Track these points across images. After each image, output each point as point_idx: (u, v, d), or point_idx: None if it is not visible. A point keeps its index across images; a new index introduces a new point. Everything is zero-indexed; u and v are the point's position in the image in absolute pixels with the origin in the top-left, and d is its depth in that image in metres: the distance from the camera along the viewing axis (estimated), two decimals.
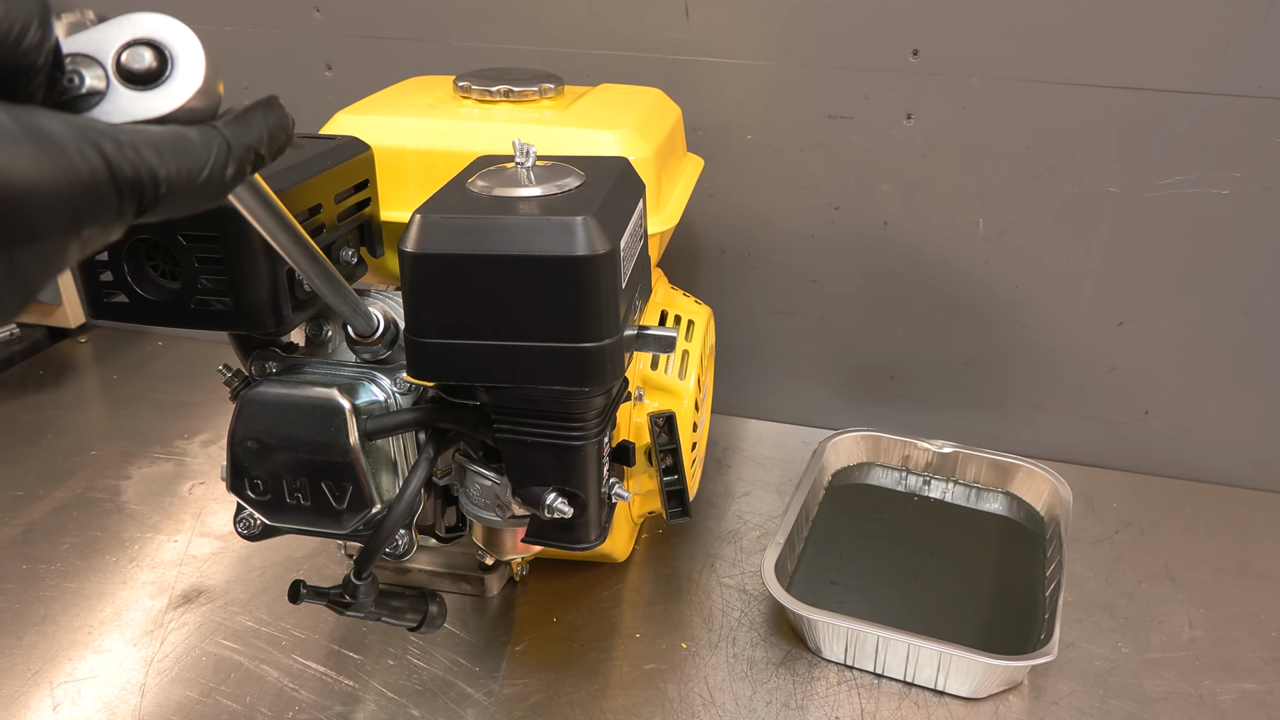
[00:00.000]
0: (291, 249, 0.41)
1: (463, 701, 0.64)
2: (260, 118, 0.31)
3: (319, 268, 0.44)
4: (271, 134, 0.32)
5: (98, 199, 0.25)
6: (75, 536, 0.79)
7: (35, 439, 0.93)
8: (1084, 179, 0.82)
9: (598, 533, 0.54)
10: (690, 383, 0.68)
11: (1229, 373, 0.86)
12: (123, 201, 0.26)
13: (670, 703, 0.64)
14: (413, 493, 0.52)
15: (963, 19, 0.79)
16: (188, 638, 0.69)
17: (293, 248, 0.41)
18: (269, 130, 0.32)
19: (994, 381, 0.92)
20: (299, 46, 0.94)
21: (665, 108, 0.75)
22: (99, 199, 0.25)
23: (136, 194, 0.26)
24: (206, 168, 0.29)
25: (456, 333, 0.45)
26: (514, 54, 0.89)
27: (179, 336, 1.12)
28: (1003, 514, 0.83)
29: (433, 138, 0.64)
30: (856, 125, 0.85)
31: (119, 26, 0.30)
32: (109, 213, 0.26)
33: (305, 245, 0.42)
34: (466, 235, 0.44)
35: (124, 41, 0.29)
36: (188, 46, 0.30)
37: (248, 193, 0.37)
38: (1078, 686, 0.66)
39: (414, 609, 0.60)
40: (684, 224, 0.91)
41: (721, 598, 0.73)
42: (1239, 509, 0.85)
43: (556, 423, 0.50)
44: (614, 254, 0.44)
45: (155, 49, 0.29)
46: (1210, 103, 0.77)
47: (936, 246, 0.88)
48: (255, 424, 0.52)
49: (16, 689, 0.64)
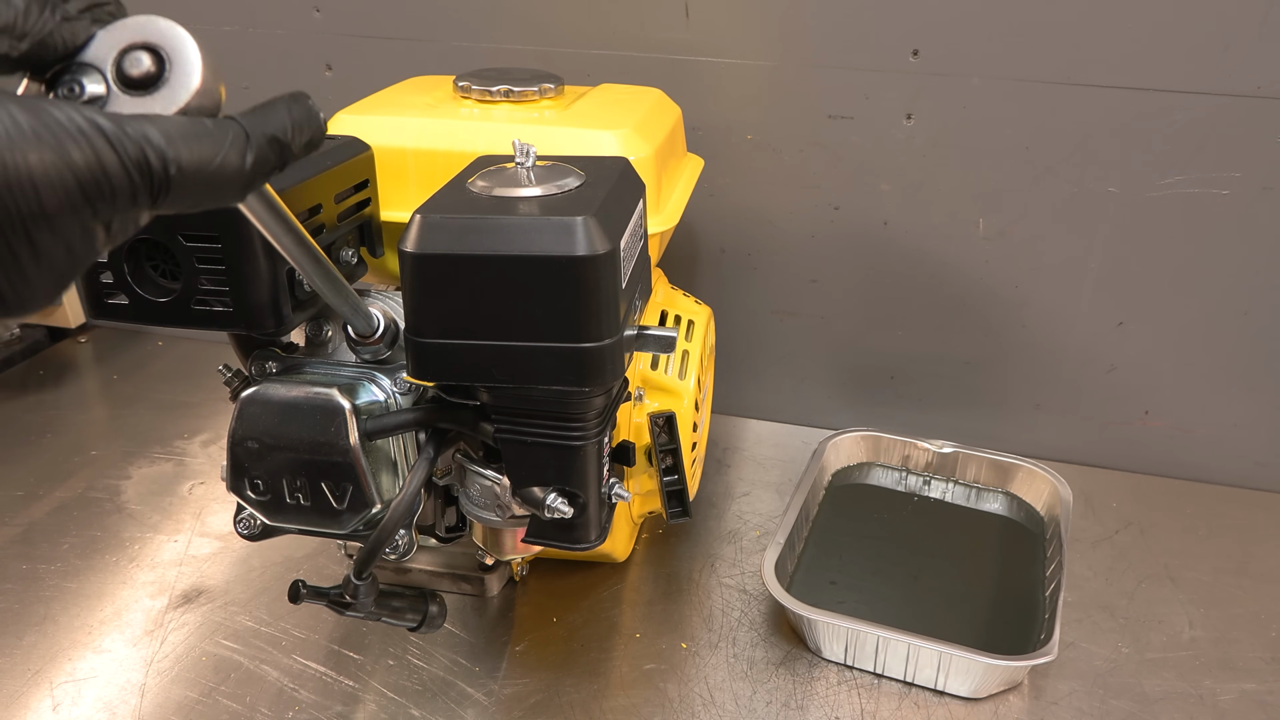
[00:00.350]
0: (294, 250, 0.41)
1: (463, 701, 0.64)
2: (284, 109, 0.31)
3: (321, 269, 0.44)
4: (296, 125, 0.31)
5: (104, 173, 0.25)
6: (75, 536, 0.79)
7: (35, 439, 0.93)
8: (1084, 179, 0.82)
9: (598, 533, 0.54)
10: (690, 383, 0.68)
11: (1229, 373, 0.86)
12: (132, 181, 0.26)
13: (670, 703, 0.64)
14: (413, 493, 0.52)
15: (963, 19, 0.79)
16: (188, 638, 0.69)
17: (295, 249, 0.41)
18: (293, 121, 0.31)
19: (994, 381, 0.92)
20: (299, 46, 0.94)
21: (665, 108, 0.75)
22: (105, 173, 0.25)
23: (145, 173, 0.26)
24: (221, 153, 0.29)
25: (457, 333, 0.45)
26: (514, 54, 0.89)
27: (179, 336, 1.12)
28: (1003, 514, 0.83)
29: (433, 138, 0.64)
30: (856, 125, 0.85)
31: (116, 32, 0.30)
32: (121, 193, 0.26)
33: (308, 246, 0.42)
34: (466, 235, 0.44)
35: (121, 47, 0.30)
36: (185, 48, 0.30)
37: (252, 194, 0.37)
38: (1078, 686, 0.66)
39: (414, 609, 0.60)
40: (684, 224, 0.91)
41: (721, 598, 0.73)
42: (1239, 509, 0.85)
43: (556, 423, 0.50)
44: (614, 254, 0.44)
45: (153, 52, 0.29)
46: (1210, 102, 0.77)
47: (936, 246, 0.88)
48: (255, 424, 0.52)
49: (16, 689, 0.64)
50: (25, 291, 0.26)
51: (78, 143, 0.25)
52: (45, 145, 0.24)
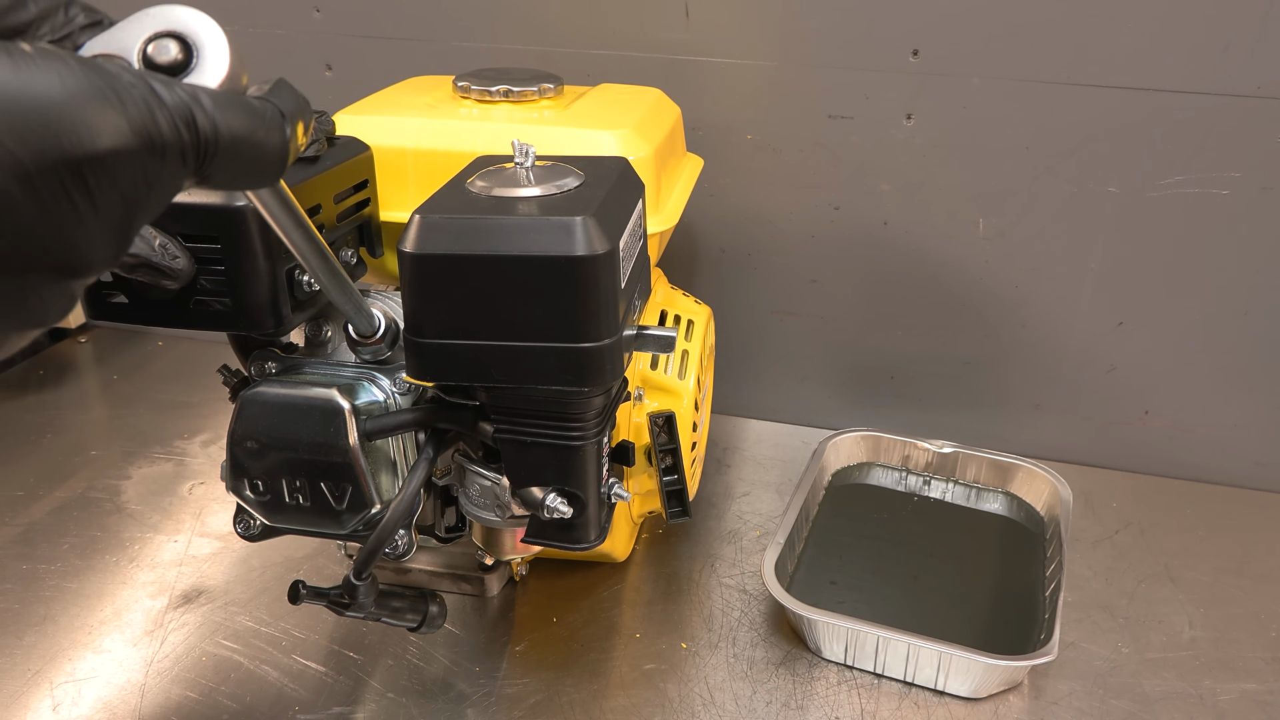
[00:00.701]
0: (304, 248, 0.41)
1: (463, 701, 0.64)
2: (289, 90, 0.32)
3: (329, 267, 0.44)
4: (303, 107, 0.33)
5: (155, 125, 0.26)
6: (75, 536, 0.79)
7: (35, 439, 0.93)
8: (1084, 179, 0.82)
9: (597, 533, 0.54)
10: (690, 382, 0.68)
11: (1229, 373, 0.86)
12: (181, 138, 0.27)
13: (670, 703, 0.64)
14: (412, 493, 0.52)
15: (963, 19, 0.79)
16: (188, 638, 0.69)
17: (305, 246, 0.41)
18: (301, 102, 0.33)
19: (994, 381, 0.92)
20: (299, 46, 0.94)
21: (665, 107, 0.75)
22: (157, 125, 0.26)
23: (192, 131, 0.27)
24: (263, 126, 0.29)
25: (456, 333, 0.45)
26: (514, 54, 0.89)
27: (179, 336, 1.12)
28: (1003, 514, 0.83)
29: (432, 138, 0.64)
30: (856, 125, 0.85)
31: (141, 21, 0.30)
32: (171, 150, 0.27)
33: (318, 245, 0.42)
34: (466, 235, 0.44)
35: (148, 35, 0.30)
36: (212, 36, 0.30)
37: (268, 191, 0.37)
38: (1078, 686, 0.66)
39: (414, 609, 0.60)
40: (684, 224, 0.91)
41: (721, 598, 0.73)
42: (1239, 509, 0.85)
43: (556, 423, 0.50)
44: (613, 254, 0.44)
45: (180, 40, 0.30)
46: (1210, 103, 0.77)
47: (936, 246, 0.88)
48: (255, 425, 0.52)
49: (16, 689, 0.64)
50: (85, 242, 0.26)
51: (131, 94, 0.26)
52: (102, 94, 0.25)
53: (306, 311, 0.53)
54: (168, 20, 0.30)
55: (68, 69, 0.25)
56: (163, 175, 0.27)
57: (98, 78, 0.25)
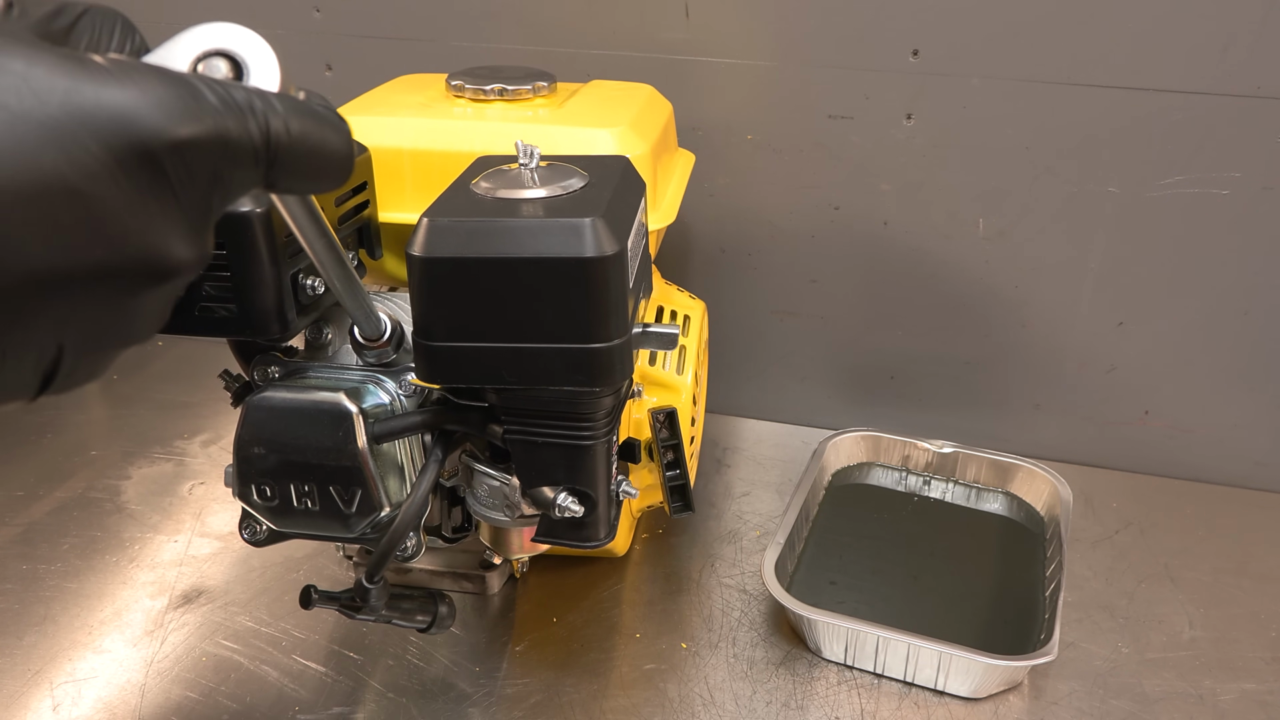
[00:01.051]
0: (323, 253, 0.41)
1: (463, 701, 0.64)
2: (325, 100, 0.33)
3: (344, 271, 0.44)
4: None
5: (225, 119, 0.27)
6: (75, 536, 0.79)
7: (35, 439, 0.92)
8: (1084, 179, 0.82)
9: (607, 530, 0.54)
10: (688, 378, 0.68)
11: (1229, 373, 0.86)
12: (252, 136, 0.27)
13: (670, 703, 0.64)
14: (423, 495, 0.52)
15: (963, 19, 0.79)
16: (188, 638, 0.69)
17: (324, 251, 0.41)
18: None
19: (994, 381, 0.92)
20: (299, 46, 0.94)
21: (657, 104, 0.75)
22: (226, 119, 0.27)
23: (264, 131, 0.27)
24: (332, 129, 0.30)
25: (466, 336, 0.45)
26: (513, 54, 0.89)
27: (179, 337, 1.11)
28: (1003, 514, 0.83)
29: (429, 138, 0.64)
30: (856, 125, 0.85)
31: (189, 40, 0.30)
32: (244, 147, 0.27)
33: (338, 252, 0.42)
34: (474, 238, 0.44)
35: (197, 54, 0.30)
36: (261, 53, 0.30)
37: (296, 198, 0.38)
38: (1078, 686, 0.66)
39: (424, 610, 0.60)
40: (684, 224, 0.92)
41: (721, 598, 0.74)
42: (1239, 509, 0.85)
43: (566, 423, 0.50)
44: (622, 254, 0.44)
45: (229, 59, 0.30)
46: (1210, 103, 0.77)
47: (936, 246, 0.88)
48: (262, 430, 0.52)
49: (16, 689, 0.64)
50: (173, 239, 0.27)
51: (206, 91, 0.26)
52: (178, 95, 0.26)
53: (310, 315, 0.52)
54: (217, 39, 0.30)
55: (143, 74, 0.25)
56: (235, 175, 0.27)
57: (173, 79, 0.26)
